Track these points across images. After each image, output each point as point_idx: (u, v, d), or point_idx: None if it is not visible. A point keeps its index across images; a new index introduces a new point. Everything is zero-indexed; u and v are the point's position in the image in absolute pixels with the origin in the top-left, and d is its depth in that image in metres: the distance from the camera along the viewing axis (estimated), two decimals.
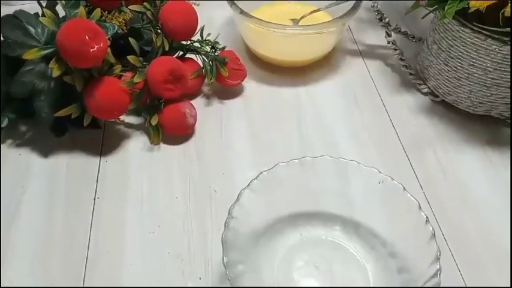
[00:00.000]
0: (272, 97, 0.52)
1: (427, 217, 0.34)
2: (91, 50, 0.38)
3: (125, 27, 0.45)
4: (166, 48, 0.45)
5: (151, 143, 0.46)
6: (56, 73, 0.39)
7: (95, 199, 0.42)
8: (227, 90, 0.52)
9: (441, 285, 0.31)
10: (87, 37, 0.38)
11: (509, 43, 0.41)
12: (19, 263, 0.38)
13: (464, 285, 0.36)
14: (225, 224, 0.34)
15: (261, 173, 0.37)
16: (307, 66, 0.55)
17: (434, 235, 0.33)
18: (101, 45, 0.38)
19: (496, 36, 0.42)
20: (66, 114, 0.42)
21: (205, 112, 0.50)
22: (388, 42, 0.53)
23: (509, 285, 0.34)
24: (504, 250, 0.39)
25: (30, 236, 0.39)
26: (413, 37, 0.53)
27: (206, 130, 0.48)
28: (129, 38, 0.43)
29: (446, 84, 0.48)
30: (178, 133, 0.47)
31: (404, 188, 0.36)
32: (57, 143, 0.46)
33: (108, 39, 0.41)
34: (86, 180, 0.43)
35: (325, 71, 0.55)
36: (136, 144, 0.47)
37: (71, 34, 0.38)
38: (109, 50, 0.41)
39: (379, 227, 0.38)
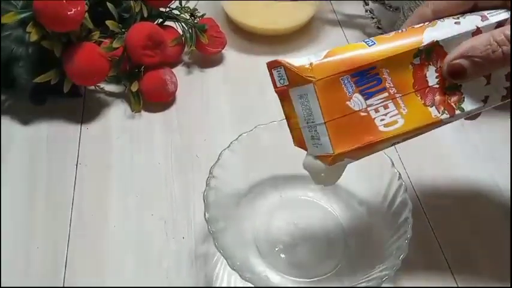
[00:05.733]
0: (252, 65, 0.52)
1: (399, 173, 0.35)
2: (68, 13, 0.38)
3: None
4: (145, 15, 0.45)
5: (132, 111, 0.47)
6: (33, 37, 0.39)
7: (77, 165, 0.42)
8: (207, 59, 0.52)
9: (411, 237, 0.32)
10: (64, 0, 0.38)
11: None
12: (3, 229, 0.38)
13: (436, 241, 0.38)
14: (206, 183, 0.35)
15: (240, 135, 0.38)
16: (286, 36, 0.55)
17: (405, 190, 0.35)
18: (78, 8, 0.38)
19: None
20: (45, 80, 0.42)
21: (186, 80, 0.50)
22: (366, 11, 0.54)
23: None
24: (472, 204, 0.41)
25: (14, 204, 0.39)
26: (390, 6, 0.54)
27: (187, 98, 0.49)
28: (107, 2, 0.43)
29: None
30: (159, 100, 0.47)
31: None
32: (38, 112, 0.46)
33: (86, 4, 0.40)
34: (68, 148, 0.44)
35: (304, 40, 0.55)
36: (117, 112, 0.47)
37: None
38: (87, 15, 0.41)
39: (355, 186, 0.39)
